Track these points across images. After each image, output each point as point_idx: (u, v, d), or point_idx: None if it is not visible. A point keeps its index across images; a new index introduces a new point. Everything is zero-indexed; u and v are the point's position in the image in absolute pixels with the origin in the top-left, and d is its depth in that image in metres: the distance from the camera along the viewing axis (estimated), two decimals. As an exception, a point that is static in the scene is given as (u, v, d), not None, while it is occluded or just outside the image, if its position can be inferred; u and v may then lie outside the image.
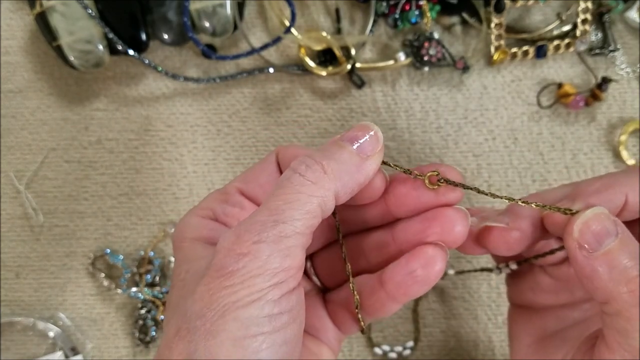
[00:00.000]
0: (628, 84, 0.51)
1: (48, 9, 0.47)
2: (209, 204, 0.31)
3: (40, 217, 0.50)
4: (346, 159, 0.27)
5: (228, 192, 0.31)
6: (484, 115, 0.51)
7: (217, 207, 0.30)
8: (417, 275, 0.28)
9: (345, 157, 0.27)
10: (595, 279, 0.26)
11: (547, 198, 0.30)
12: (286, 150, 0.31)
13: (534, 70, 0.51)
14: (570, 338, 0.32)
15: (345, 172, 0.27)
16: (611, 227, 0.26)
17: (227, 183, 0.31)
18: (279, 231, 0.25)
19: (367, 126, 0.28)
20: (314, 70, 0.49)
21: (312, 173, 0.26)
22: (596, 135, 0.51)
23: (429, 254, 0.28)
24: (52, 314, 0.49)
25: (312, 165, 0.26)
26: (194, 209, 0.31)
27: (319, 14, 0.51)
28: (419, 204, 0.29)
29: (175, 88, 0.51)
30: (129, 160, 0.50)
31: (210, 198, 0.31)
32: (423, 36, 0.49)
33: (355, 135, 0.28)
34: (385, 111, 0.50)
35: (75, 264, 0.49)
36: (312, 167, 0.26)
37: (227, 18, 0.48)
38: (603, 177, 0.30)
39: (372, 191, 0.29)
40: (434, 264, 0.28)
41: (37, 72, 0.51)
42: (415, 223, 0.29)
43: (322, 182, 0.26)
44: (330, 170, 0.26)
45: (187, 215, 0.30)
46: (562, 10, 0.51)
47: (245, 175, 0.31)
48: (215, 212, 0.30)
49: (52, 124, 0.50)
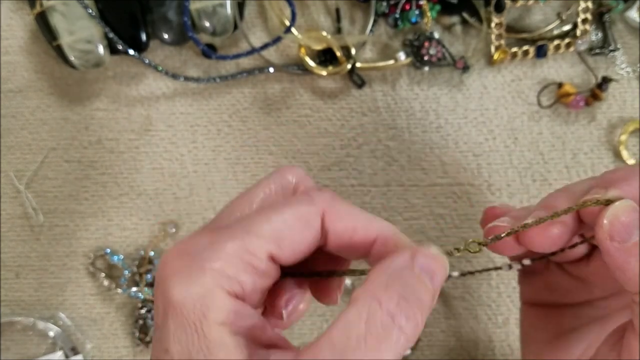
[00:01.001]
0: (628, 84, 0.51)
1: (48, 8, 0.47)
2: (235, 272, 0.23)
3: (41, 217, 0.50)
4: (426, 301, 0.23)
5: (256, 254, 0.23)
6: (484, 114, 0.51)
7: (245, 282, 0.23)
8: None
9: (426, 298, 0.23)
10: (628, 270, 0.26)
11: (575, 190, 0.30)
12: (340, 213, 0.25)
13: (534, 69, 0.51)
14: (588, 335, 0.32)
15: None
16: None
17: (249, 231, 0.24)
18: None
19: (442, 261, 0.25)
20: (314, 70, 0.50)
21: (406, 322, 0.22)
22: (596, 135, 0.51)
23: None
24: (52, 313, 0.49)
25: (410, 315, 0.22)
26: (214, 276, 0.22)
27: (319, 14, 0.51)
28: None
29: (176, 88, 0.51)
30: (129, 160, 0.50)
31: (234, 259, 0.23)
32: (423, 36, 0.49)
33: (432, 268, 0.24)
34: (385, 111, 0.51)
35: (75, 264, 0.50)
36: (408, 316, 0.22)
37: (227, 18, 0.48)
38: (626, 168, 0.29)
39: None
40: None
41: (37, 72, 0.51)
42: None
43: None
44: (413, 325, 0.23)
45: (206, 281, 0.22)
46: (562, 10, 0.51)
47: (273, 227, 0.24)
48: (244, 289, 0.23)
49: (52, 124, 0.50)
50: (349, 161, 0.50)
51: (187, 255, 0.23)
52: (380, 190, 0.50)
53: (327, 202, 0.25)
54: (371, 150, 0.50)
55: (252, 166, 0.50)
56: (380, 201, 0.50)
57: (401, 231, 0.27)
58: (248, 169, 0.50)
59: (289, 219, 0.24)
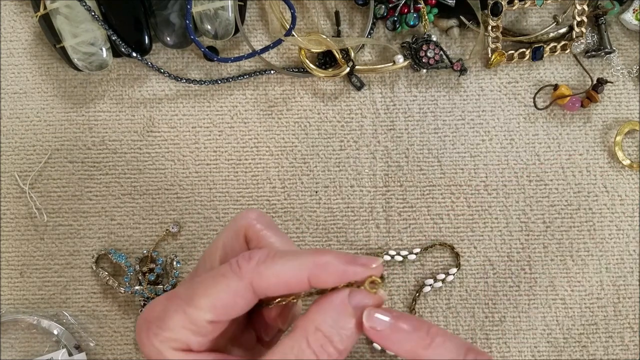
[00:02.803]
0: (623, 86, 0.52)
1: (52, 11, 0.47)
2: (181, 336, 0.29)
3: (44, 217, 0.50)
4: (353, 333, 0.28)
5: (197, 324, 0.29)
6: (481, 116, 0.51)
7: (191, 341, 0.29)
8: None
9: (354, 331, 0.28)
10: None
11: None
12: (267, 279, 0.29)
13: (531, 72, 0.52)
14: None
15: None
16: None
17: (191, 304, 0.29)
18: None
19: (377, 295, 0.29)
20: (315, 72, 0.50)
21: (327, 358, 0.28)
22: (592, 136, 0.51)
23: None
24: (56, 312, 0.50)
25: (331, 353, 0.28)
26: (164, 340, 0.29)
27: (319, 17, 0.52)
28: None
29: (178, 90, 0.51)
30: (132, 160, 0.51)
31: (179, 328, 0.29)
32: (421, 39, 0.50)
33: (365, 303, 0.29)
34: (384, 112, 0.51)
35: (79, 263, 0.50)
36: (330, 354, 0.28)
37: (229, 21, 0.48)
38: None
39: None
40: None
41: (41, 74, 0.51)
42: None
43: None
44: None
45: (158, 345, 0.29)
46: (558, 12, 0.52)
47: (210, 301, 0.29)
48: (190, 346, 0.29)
49: (56, 125, 0.51)
50: (349, 162, 0.51)
51: (147, 321, 0.30)
52: (379, 190, 0.51)
53: (253, 273, 0.29)
54: (370, 151, 0.51)
55: (253, 167, 0.51)
56: (380, 201, 0.50)
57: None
58: (249, 169, 0.51)
59: (223, 293, 0.29)
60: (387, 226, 0.50)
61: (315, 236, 0.50)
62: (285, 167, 0.51)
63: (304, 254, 0.29)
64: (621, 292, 0.50)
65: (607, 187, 0.51)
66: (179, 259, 0.49)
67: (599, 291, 0.50)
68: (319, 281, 0.29)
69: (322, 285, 0.29)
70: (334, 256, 0.29)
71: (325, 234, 0.50)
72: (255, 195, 0.51)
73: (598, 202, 0.51)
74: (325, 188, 0.51)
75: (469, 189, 0.51)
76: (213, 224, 0.50)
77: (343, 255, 0.29)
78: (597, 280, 0.50)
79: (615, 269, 0.50)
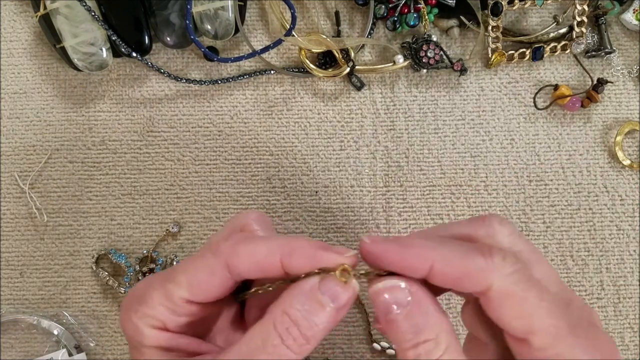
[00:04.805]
0: (624, 86, 0.52)
1: (52, 11, 0.47)
2: (157, 313, 0.30)
3: (44, 217, 0.50)
4: (322, 322, 0.28)
5: (174, 301, 0.29)
6: (481, 116, 0.51)
7: (167, 319, 0.30)
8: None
9: (323, 320, 0.28)
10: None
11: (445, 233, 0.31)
12: (241, 257, 0.29)
13: (531, 72, 0.52)
14: None
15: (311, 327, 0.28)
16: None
17: (170, 280, 0.30)
18: None
19: (350, 285, 0.28)
20: (315, 72, 0.50)
21: (293, 342, 0.28)
22: (592, 136, 0.51)
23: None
24: (56, 312, 0.50)
25: (297, 337, 0.28)
26: (141, 316, 0.30)
27: (319, 17, 0.52)
28: None
29: (178, 90, 0.51)
30: (132, 160, 0.51)
31: (156, 305, 0.30)
32: (421, 39, 0.50)
33: (336, 291, 0.28)
34: (384, 112, 0.51)
35: (79, 263, 0.50)
36: (295, 338, 0.28)
37: (229, 21, 0.48)
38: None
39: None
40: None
41: (41, 74, 0.51)
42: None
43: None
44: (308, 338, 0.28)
45: (136, 321, 0.30)
46: (558, 12, 0.52)
47: (187, 277, 0.29)
48: (166, 324, 0.30)
49: (56, 125, 0.51)
50: (349, 162, 0.51)
51: (130, 299, 0.31)
52: (379, 190, 0.51)
53: (229, 251, 0.29)
54: (370, 151, 0.51)
55: (252, 167, 0.51)
56: (380, 202, 0.50)
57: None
58: (249, 169, 0.51)
59: (199, 270, 0.29)
60: (387, 226, 0.50)
61: (315, 236, 0.50)
62: (285, 167, 0.51)
63: (280, 238, 0.29)
64: (621, 292, 0.50)
65: (608, 187, 0.51)
66: (179, 259, 0.49)
67: (599, 291, 0.50)
68: (290, 264, 0.28)
69: (294, 269, 0.29)
70: (308, 241, 0.29)
71: (326, 234, 0.50)
72: (255, 195, 0.51)
73: (598, 202, 0.51)
74: (325, 188, 0.51)
75: (469, 189, 0.51)
76: (213, 224, 0.50)
77: (317, 242, 0.29)
78: (597, 280, 0.50)
79: (615, 269, 0.50)
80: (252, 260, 0.29)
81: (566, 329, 0.27)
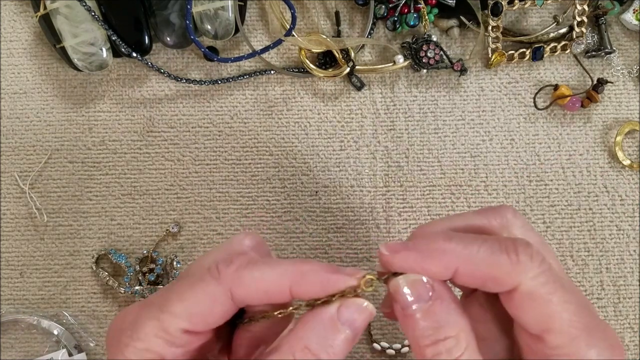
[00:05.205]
0: (624, 86, 0.52)
1: (52, 11, 0.47)
2: (153, 346, 0.27)
3: (44, 217, 0.50)
4: (341, 348, 0.27)
5: (171, 332, 0.27)
6: (481, 116, 0.51)
7: (164, 352, 0.27)
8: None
9: (342, 346, 0.27)
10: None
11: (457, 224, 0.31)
12: (247, 285, 0.27)
13: (531, 72, 0.52)
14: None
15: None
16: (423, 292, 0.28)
17: (165, 310, 0.27)
18: None
19: (367, 310, 0.27)
20: (315, 72, 0.50)
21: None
22: (592, 136, 0.51)
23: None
24: (56, 312, 0.50)
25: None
26: (134, 351, 0.27)
27: (319, 17, 0.52)
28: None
29: (178, 90, 0.51)
30: (132, 160, 0.51)
31: (151, 337, 0.27)
32: (421, 39, 0.50)
33: (354, 319, 0.27)
34: (384, 112, 0.51)
35: (79, 263, 0.50)
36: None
37: (229, 21, 0.48)
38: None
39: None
40: None
41: (41, 74, 0.51)
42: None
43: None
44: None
45: (129, 356, 0.27)
46: (558, 12, 0.52)
47: (185, 306, 0.27)
48: (164, 357, 0.28)
49: (56, 125, 0.51)
50: (349, 162, 0.51)
51: (118, 331, 0.28)
52: (379, 190, 0.51)
53: (233, 278, 0.27)
54: (370, 151, 0.51)
55: (252, 167, 0.51)
56: (380, 202, 0.50)
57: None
58: (248, 169, 0.51)
59: (200, 299, 0.27)
60: (387, 226, 0.50)
61: (315, 236, 0.50)
62: (285, 167, 0.51)
63: (287, 262, 0.28)
64: (621, 292, 0.50)
65: (607, 187, 0.51)
66: (179, 259, 0.49)
67: (599, 291, 0.50)
68: (300, 290, 0.27)
69: (304, 295, 0.27)
70: (318, 265, 0.28)
71: (325, 234, 0.50)
72: (255, 195, 0.51)
73: (598, 202, 0.51)
74: (325, 188, 0.51)
75: (469, 189, 0.51)
76: (213, 224, 0.50)
77: (326, 266, 0.28)
78: (597, 280, 0.50)
79: (615, 269, 0.50)
80: (260, 288, 0.27)
81: (584, 331, 0.27)
